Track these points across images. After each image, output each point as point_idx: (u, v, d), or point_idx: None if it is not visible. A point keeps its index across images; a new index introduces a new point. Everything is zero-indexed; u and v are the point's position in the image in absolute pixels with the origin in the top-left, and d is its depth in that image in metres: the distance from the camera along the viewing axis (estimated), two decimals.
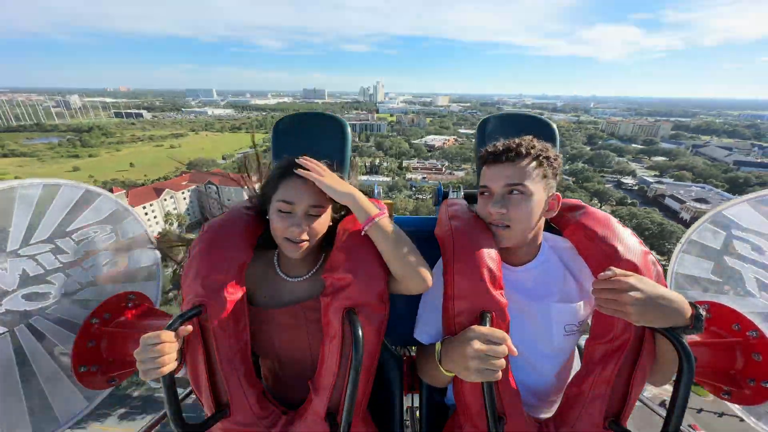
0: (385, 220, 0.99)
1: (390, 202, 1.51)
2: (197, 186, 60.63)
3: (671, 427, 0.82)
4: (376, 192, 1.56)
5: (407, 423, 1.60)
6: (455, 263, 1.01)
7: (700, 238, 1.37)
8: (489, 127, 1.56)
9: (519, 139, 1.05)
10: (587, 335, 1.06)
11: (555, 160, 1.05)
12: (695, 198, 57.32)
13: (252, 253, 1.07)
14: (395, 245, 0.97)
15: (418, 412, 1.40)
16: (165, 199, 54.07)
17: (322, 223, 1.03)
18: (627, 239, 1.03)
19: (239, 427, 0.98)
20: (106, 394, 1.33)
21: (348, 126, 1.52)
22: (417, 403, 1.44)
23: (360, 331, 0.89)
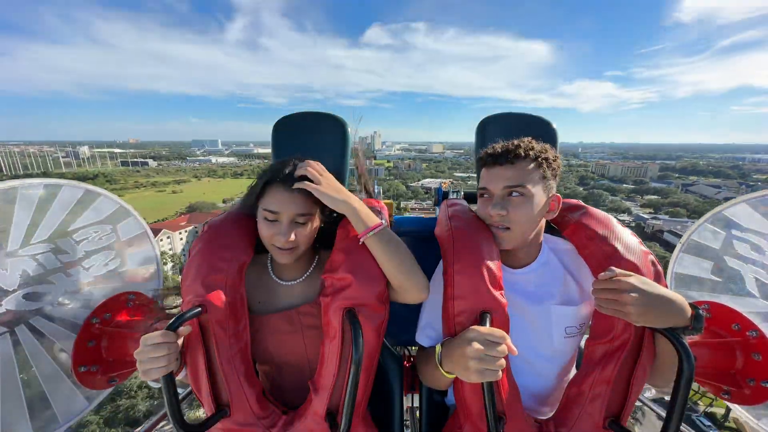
0: (382, 232, 0.97)
1: (389, 202, 1.50)
2: (195, 226, 60.04)
3: (671, 427, 0.82)
4: (377, 191, 1.56)
5: (407, 423, 1.60)
6: (455, 263, 1.01)
7: (700, 238, 1.37)
8: (488, 127, 1.55)
9: (518, 141, 1.05)
10: (587, 336, 1.05)
11: (555, 161, 1.05)
12: None
13: (252, 252, 1.07)
14: (392, 256, 0.96)
15: (418, 412, 1.40)
16: (161, 240, 53.41)
17: (311, 229, 1.01)
18: (627, 239, 1.03)
19: (239, 427, 0.98)
20: (107, 394, 1.33)
21: (348, 126, 1.51)
22: (417, 403, 1.44)
23: (360, 331, 0.89)
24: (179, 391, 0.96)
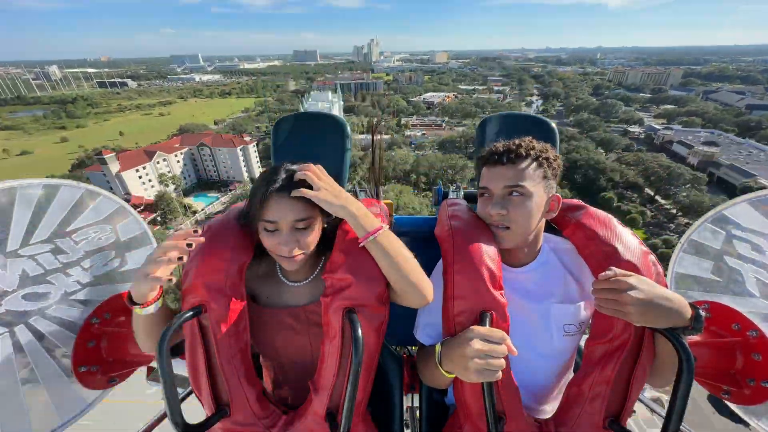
0: (383, 236, 0.94)
1: (389, 201, 1.50)
2: (189, 148, 59.53)
3: (671, 427, 0.82)
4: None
5: (407, 423, 1.60)
6: (455, 263, 1.01)
7: (699, 237, 1.37)
8: (489, 127, 1.56)
9: (519, 140, 1.06)
10: (587, 335, 1.06)
11: (555, 160, 1.05)
12: (704, 142, 54.89)
13: (252, 252, 1.07)
14: (393, 260, 0.94)
15: (418, 412, 1.40)
16: (158, 162, 53.13)
17: (312, 233, 0.99)
18: (627, 239, 1.03)
19: (239, 427, 0.98)
20: (107, 395, 1.33)
21: (348, 126, 1.51)
22: (417, 403, 1.44)
23: (360, 331, 0.89)
24: (179, 391, 0.96)
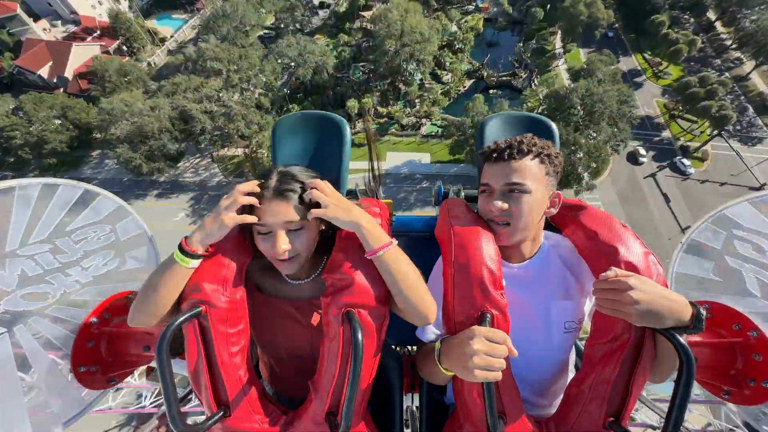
0: (390, 252, 0.94)
1: (389, 201, 1.50)
2: None
3: (671, 427, 0.82)
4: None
5: (407, 423, 1.60)
6: (455, 263, 1.01)
7: (700, 238, 1.36)
8: (490, 127, 1.56)
9: (520, 137, 1.06)
10: (587, 335, 1.05)
11: (556, 157, 1.06)
12: None
13: (252, 252, 1.07)
14: (397, 278, 0.94)
15: (418, 412, 1.40)
16: None
17: (307, 235, 1.00)
18: (628, 239, 1.03)
19: (239, 427, 0.98)
20: (106, 395, 1.33)
21: (347, 125, 1.51)
22: (417, 402, 1.44)
23: (360, 332, 0.89)
24: (179, 391, 0.95)
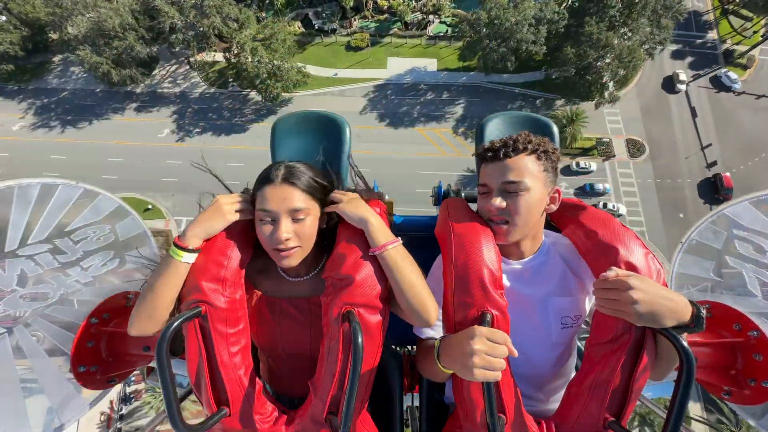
0: (395, 250, 0.97)
1: (390, 200, 1.50)
2: None
3: (671, 427, 0.82)
4: (376, 189, 1.55)
5: (407, 422, 1.60)
6: (455, 263, 1.00)
7: (701, 237, 1.36)
8: (489, 127, 1.56)
9: (516, 135, 1.06)
10: (587, 334, 1.05)
11: (554, 153, 1.06)
12: None
13: (251, 252, 1.07)
14: (404, 276, 0.96)
15: (418, 412, 1.40)
16: None
17: (310, 226, 1.01)
18: (628, 239, 1.02)
19: (239, 426, 0.98)
20: (107, 395, 1.33)
21: (347, 125, 1.50)
22: (417, 402, 1.44)
23: (359, 332, 0.89)
24: (179, 391, 0.96)
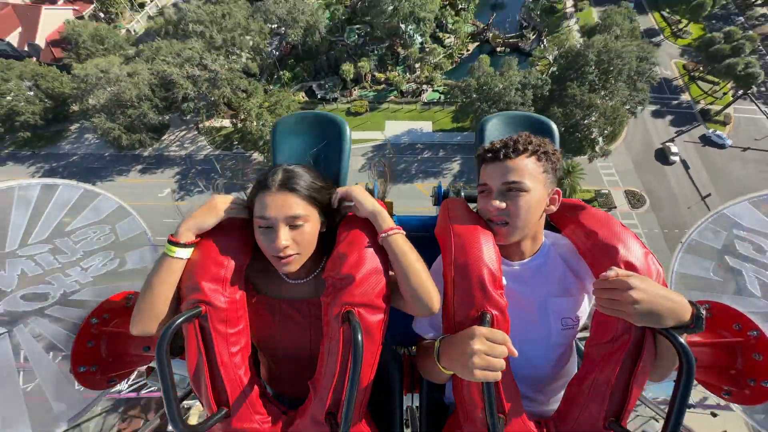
0: (400, 237, 1.01)
1: (389, 201, 1.50)
2: None
3: (671, 428, 0.82)
4: (376, 191, 1.55)
5: (407, 423, 1.60)
6: (455, 263, 1.01)
7: (701, 237, 1.36)
8: (489, 127, 1.56)
9: (516, 136, 1.06)
10: (587, 334, 1.05)
11: (554, 154, 1.06)
12: None
13: (251, 253, 1.07)
14: (409, 264, 0.97)
15: (418, 412, 1.40)
16: None
17: (309, 232, 1.00)
18: (627, 239, 1.03)
19: (239, 427, 0.98)
20: (107, 395, 1.33)
21: (347, 126, 1.51)
22: (417, 402, 1.44)
23: (359, 332, 0.89)
24: (179, 391, 0.96)
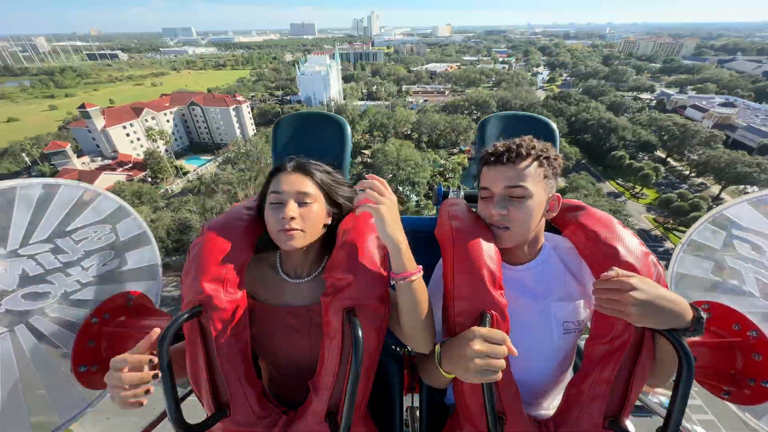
0: (416, 282, 0.94)
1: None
2: (180, 108, 56.54)
3: (671, 428, 0.82)
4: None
5: (407, 423, 1.60)
6: (455, 263, 1.01)
7: (700, 238, 1.37)
8: (489, 127, 1.56)
9: (519, 140, 1.06)
10: (587, 335, 1.06)
11: (555, 159, 1.06)
12: (720, 104, 53.47)
13: (252, 252, 1.07)
14: (416, 307, 0.96)
15: (418, 412, 1.40)
16: (146, 120, 51.60)
17: (315, 212, 1.04)
18: (628, 240, 1.03)
19: (239, 427, 0.98)
20: (106, 395, 1.33)
21: (348, 125, 1.51)
22: (417, 403, 1.44)
23: (360, 332, 0.89)
24: (179, 391, 0.96)
